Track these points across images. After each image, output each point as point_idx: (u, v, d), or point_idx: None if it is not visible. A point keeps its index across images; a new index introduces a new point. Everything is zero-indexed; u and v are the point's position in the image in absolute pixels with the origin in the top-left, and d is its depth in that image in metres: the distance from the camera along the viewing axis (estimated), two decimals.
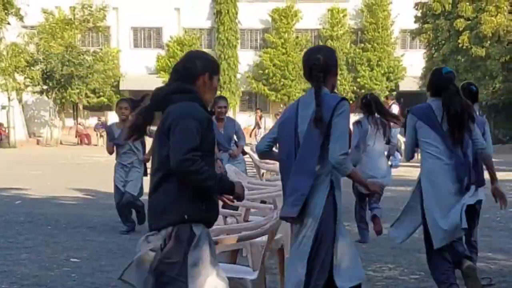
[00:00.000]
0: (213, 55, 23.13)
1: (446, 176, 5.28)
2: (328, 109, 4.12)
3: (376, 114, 8.43)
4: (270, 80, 45.54)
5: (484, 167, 5.83)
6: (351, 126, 5.41)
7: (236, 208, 6.90)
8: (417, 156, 5.86)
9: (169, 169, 3.65)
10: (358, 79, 45.71)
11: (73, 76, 35.22)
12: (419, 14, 36.06)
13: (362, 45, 46.55)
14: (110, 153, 9.43)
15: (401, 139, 17.63)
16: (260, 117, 30.68)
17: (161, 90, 3.87)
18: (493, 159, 6.09)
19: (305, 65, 4.38)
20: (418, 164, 5.68)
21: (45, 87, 36.23)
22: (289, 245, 7.35)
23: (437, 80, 5.59)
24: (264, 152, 4.64)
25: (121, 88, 45.12)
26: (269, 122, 18.71)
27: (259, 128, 29.19)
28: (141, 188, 9.18)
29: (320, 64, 4.26)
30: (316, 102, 4.17)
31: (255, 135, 28.32)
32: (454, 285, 5.34)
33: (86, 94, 41.56)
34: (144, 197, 7.68)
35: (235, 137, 9.95)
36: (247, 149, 13.50)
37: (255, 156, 12.29)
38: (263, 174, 11.36)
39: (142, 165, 9.30)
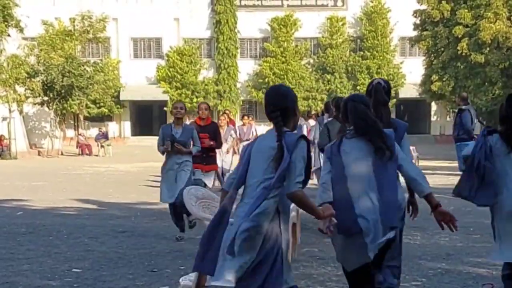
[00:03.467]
0: (212, 64, 23.16)
1: None
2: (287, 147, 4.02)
3: None
4: None
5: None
6: None
7: None
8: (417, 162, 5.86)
9: None
10: (358, 87, 45.71)
11: (73, 87, 35.25)
12: (418, 22, 36.14)
13: (362, 53, 46.66)
14: (164, 153, 9.32)
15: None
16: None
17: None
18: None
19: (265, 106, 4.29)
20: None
21: (45, 98, 36.26)
22: (290, 253, 7.37)
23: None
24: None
25: (121, 98, 45.25)
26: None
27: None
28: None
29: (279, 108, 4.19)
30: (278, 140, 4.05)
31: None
32: None
33: (86, 104, 41.68)
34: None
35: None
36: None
37: None
38: None
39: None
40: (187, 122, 12.99)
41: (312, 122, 18.01)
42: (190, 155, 9.29)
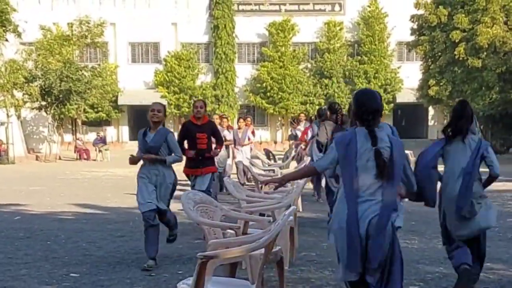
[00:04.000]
0: (210, 69, 23.11)
1: None
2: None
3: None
4: (268, 93, 45.67)
5: None
6: None
7: (235, 221, 6.93)
8: None
9: None
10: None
11: (71, 92, 35.23)
12: (415, 26, 36.20)
13: (359, 57, 46.73)
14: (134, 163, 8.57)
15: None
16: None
17: None
18: None
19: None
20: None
21: (43, 103, 36.22)
22: (288, 258, 7.39)
23: None
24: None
25: (119, 103, 45.27)
26: (266, 135, 18.05)
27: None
28: None
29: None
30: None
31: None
32: None
33: (84, 109, 41.66)
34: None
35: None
36: (246, 162, 13.55)
37: (254, 169, 12.33)
38: (262, 187, 11.38)
39: None
40: None
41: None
42: (166, 165, 8.03)
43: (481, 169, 6.10)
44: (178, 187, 8.41)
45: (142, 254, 8.45)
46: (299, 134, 18.00)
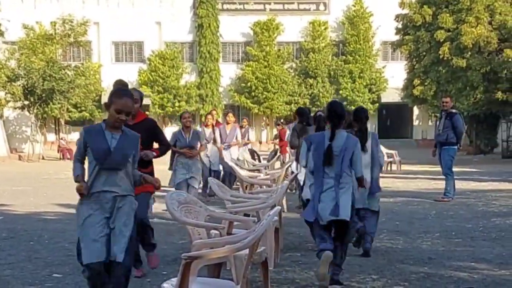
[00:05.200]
0: (194, 68, 23.01)
1: None
2: None
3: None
4: (253, 93, 45.66)
5: None
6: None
7: (219, 222, 6.89)
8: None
9: None
10: (341, 91, 45.92)
11: (54, 91, 35.04)
12: (400, 26, 36.28)
13: (344, 57, 46.86)
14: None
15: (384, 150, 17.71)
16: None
17: None
18: (475, 169, 6.18)
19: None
20: (401, 175, 5.70)
21: (26, 102, 36.02)
22: (273, 258, 7.37)
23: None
24: None
25: (103, 102, 44.98)
26: (251, 135, 18.20)
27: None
28: None
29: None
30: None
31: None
32: None
33: (67, 109, 41.41)
34: None
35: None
36: (232, 164, 13.48)
37: (238, 169, 12.29)
38: (247, 187, 11.35)
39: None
40: (174, 127, 12.83)
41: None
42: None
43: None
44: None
45: None
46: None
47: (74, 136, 42.27)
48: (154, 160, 7.28)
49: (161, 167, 11.14)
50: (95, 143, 5.20)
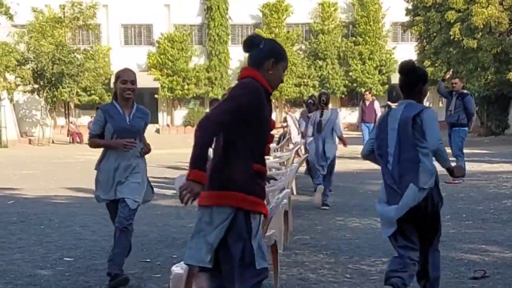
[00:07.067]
0: (203, 51, 22.83)
1: None
2: None
3: None
4: None
5: None
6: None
7: None
8: None
9: None
10: (350, 73, 45.70)
11: (64, 75, 35.08)
12: (410, 7, 36.03)
13: (354, 38, 46.58)
14: None
15: None
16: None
17: None
18: (486, 151, 6.12)
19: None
20: None
21: (36, 86, 36.10)
22: (282, 241, 7.36)
23: None
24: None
25: (112, 85, 45.06)
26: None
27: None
28: None
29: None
30: None
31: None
32: None
33: (77, 92, 41.49)
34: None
35: None
36: None
37: None
38: None
39: None
40: (183, 110, 12.50)
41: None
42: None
43: None
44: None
45: (136, 238, 8.39)
46: (289, 118, 18.46)
47: (84, 120, 42.36)
48: None
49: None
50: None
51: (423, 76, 5.18)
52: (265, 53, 3.98)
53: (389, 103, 24.11)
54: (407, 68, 5.11)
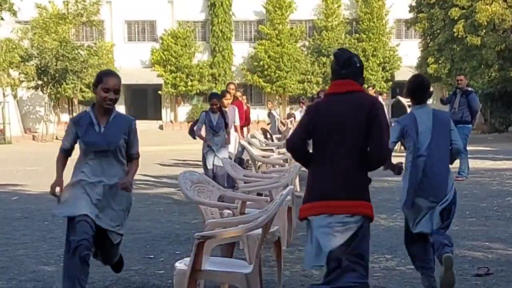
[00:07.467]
0: (207, 48, 22.79)
1: None
2: None
3: None
4: (265, 72, 45.46)
5: None
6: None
7: (232, 201, 6.89)
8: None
9: None
10: None
11: (67, 71, 35.11)
12: (413, 4, 35.98)
13: (357, 35, 46.50)
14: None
15: None
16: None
17: None
18: (490, 148, 6.12)
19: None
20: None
21: (39, 82, 36.13)
22: (286, 237, 7.36)
23: None
24: None
25: None
26: (264, 115, 17.98)
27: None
28: None
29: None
30: None
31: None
32: None
33: (81, 88, 41.45)
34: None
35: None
36: (244, 143, 13.48)
37: (251, 149, 12.27)
38: (259, 166, 11.34)
39: None
40: (186, 106, 12.91)
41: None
42: None
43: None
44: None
45: (140, 234, 8.44)
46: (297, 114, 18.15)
47: None
48: None
49: None
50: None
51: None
52: (361, 70, 4.60)
53: (399, 97, 24.26)
54: (426, 87, 5.81)
